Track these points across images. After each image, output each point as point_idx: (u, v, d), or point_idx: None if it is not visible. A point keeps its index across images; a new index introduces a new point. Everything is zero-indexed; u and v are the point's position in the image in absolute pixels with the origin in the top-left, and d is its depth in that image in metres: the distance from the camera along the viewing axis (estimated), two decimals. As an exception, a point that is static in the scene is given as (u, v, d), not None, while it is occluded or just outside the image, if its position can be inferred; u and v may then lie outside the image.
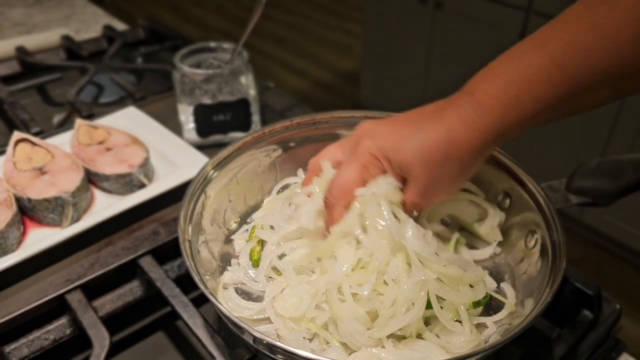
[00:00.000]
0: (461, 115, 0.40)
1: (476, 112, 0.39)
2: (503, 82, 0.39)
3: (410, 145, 0.41)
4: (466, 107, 0.40)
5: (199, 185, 0.49)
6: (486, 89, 0.39)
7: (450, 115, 0.40)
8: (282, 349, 0.35)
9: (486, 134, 0.40)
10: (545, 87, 0.38)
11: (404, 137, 0.41)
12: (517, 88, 0.38)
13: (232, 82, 0.69)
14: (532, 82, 0.38)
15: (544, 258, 0.44)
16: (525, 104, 0.38)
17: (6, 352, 0.46)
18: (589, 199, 0.48)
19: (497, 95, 0.39)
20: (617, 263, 1.67)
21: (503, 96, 0.39)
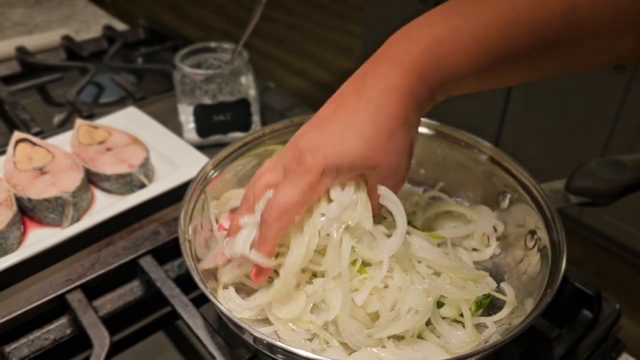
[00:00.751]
0: (383, 84, 0.38)
1: (400, 77, 0.38)
2: (425, 42, 0.37)
3: (353, 144, 0.38)
4: (388, 74, 0.38)
5: (199, 185, 0.49)
6: (407, 49, 0.38)
7: (372, 89, 0.38)
8: (282, 348, 0.35)
9: (415, 95, 0.38)
10: (470, 49, 0.37)
11: (343, 139, 0.38)
12: (439, 48, 0.37)
13: (232, 82, 0.69)
14: (454, 42, 0.37)
15: (543, 258, 0.44)
16: (450, 66, 0.37)
17: (6, 352, 0.46)
18: (589, 199, 0.48)
19: (420, 54, 0.37)
20: (617, 263, 1.66)
21: (428, 56, 0.37)
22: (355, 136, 0.38)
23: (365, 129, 0.38)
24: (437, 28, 0.38)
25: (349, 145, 0.38)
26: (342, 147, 0.38)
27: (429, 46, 0.37)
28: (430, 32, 0.38)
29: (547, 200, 0.46)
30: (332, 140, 0.39)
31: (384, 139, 0.39)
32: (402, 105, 0.38)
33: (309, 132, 0.40)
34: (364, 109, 0.38)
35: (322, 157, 0.38)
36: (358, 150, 0.38)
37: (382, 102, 0.38)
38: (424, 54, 0.37)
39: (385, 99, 0.38)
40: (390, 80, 0.38)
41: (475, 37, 0.37)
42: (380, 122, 0.38)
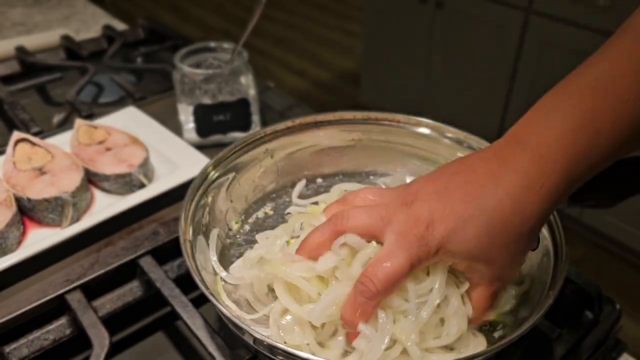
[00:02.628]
0: (525, 180, 0.34)
1: (543, 174, 0.33)
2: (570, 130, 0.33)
3: (476, 230, 0.34)
4: (529, 169, 0.34)
5: (200, 185, 0.49)
6: (550, 143, 0.33)
7: (512, 182, 0.34)
8: (282, 350, 0.35)
9: (554, 195, 0.34)
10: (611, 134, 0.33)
11: (465, 221, 0.34)
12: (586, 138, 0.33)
13: (232, 82, 0.69)
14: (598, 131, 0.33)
15: (545, 260, 0.44)
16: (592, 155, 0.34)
17: (6, 352, 0.46)
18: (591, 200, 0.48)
19: (565, 149, 0.33)
20: (617, 263, 1.66)
21: (572, 149, 0.33)
22: (479, 226, 0.34)
23: (492, 224, 0.34)
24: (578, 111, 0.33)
25: (468, 231, 0.34)
26: (462, 229, 0.34)
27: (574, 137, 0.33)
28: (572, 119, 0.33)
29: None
30: (457, 220, 0.34)
31: (509, 240, 0.35)
32: (540, 204, 0.34)
33: (431, 197, 0.35)
34: (500, 202, 0.34)
35: (442, 235, 0.34)
36: (480, 243, 0.34)
37: (519, 197, 0.34)
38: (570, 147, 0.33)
39: (522, 195, 0.34)
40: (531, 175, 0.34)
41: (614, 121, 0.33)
42: (514, 221, 0.34)
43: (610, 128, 0.33)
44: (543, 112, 0.35)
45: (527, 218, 0.34)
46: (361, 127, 0.58)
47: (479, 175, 0.35)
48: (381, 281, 0.35)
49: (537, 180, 0.33)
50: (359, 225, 0.37)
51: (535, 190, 0.34)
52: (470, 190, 0.35)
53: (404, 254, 0.35)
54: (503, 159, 0.35)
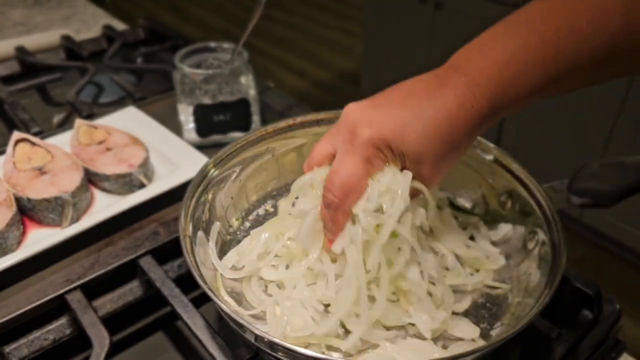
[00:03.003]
0: (459, 98, 0.38)
1: (474, 95, 0.38)
2: (500, 62, 0.37)
3: (413, 132, 0.38)
4: (463, 90, 0.38)
5: (200, 182, 0.49)
6: (482, 69, 0.38)
7: (448, 97, 0.38)
8: (283, 347, 0.35)
9: (482, 117, 0.38)
10: (539, 69, 0.37)
11: (405, 123, 0.38)
12: (513, 69, 0.37)
13: (232, 82, 0.69)
14: (527, 63, 0.37)
15: (544, 258, 0.44)
16: (519, 87, 0.38)
17: (6, 352, 0.46)
18: (591, 200, 0.48)
19: (494, 77, 0.37)
20: (617, 263, 1.66)
21: (500, 78, 0.37)
22: (418, 130, 0.38)
23: (428, 129, 0.38)
24: (510, 45, 0.38)
25: (408, 133, 0.38)
26: (401, 131, 0.38)
27: (502, 68, 0.37)
28: (504, 50, 0.38)
29: (547, 201, 0.46)
30: (391, 122, 0.38)
31: (441, 145, 0.39)
32: (471, 123, 0.38)
33: (367, 108, 0.40)
34: (435, 113, 0.38)
35: (378, 133, 0.38)
36: (417, 144, 0.38)
37: (453, 112, 0.38)
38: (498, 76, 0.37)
39: (456, 111, 0.38)
40: (464, 96, 0.38)
41: (544, 57, 0.37)
42: (444, 129, 0.38)
43: (540, 61, 0.37)
44: (483, 42, 0.39)
45: (458, 130, 0.38)
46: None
47: (419, 91, 0.39)
48: (337, 188, 0.39)
49: (469, 100, 0.38)
50: (319, 152, 0.42)
51: (467, 108, 0.38)
52: (409, 101, 0.39)
53: (352, 159, 0.39)
54: (442, 80, 0.39)
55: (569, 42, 0.36)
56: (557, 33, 0.36)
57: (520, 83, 0.37)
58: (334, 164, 0.40)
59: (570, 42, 0.36)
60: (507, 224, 0.50)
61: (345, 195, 0.39)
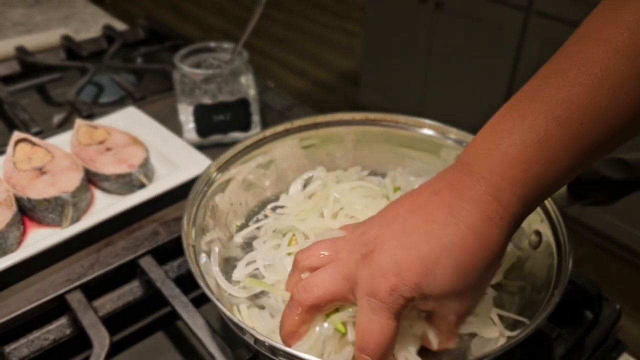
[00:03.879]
0: (485, 212, 0.33)
1: (500, 204, 0.33)
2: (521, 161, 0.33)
3: (446, 271, 0.33)
4: (487, 200, 0.33)
5: (202, 188, 0.49)
6: (503, 172, 0.33)
7: (472, 216, 0.33)
8: (284, 351, 0.35)
9: (514, 222, 0.34)
10: (565, 161, 0.33)
11: (433, 262, 0.33)
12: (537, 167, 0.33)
13: (232, 82, 0.69)
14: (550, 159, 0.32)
15: (548, 259, 0.44)
16: (547, 181, 0.33)
17: (6, 352, 0.46)
18: (592, 198, 0.48)
19: (519, 179, 0.33)
20: (617, 263, 1.66)
21: (525, 179, 0.33)
22: (450, 267, 0.33)
23: (462, 263, 0.33)
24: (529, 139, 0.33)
25: (439, 274, 0.33)
26: (431, 273, 0.33)
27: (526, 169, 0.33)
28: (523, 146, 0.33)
29: (550, 200, 0.46)
30: (418, 263, 0.33)
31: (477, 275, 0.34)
32: (503, 234, 0.34)
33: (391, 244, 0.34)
34: (464, 238, 0.33)
35: (407, 282, 0.33)
36: (452, 283, 0.33)
37: (482, 230, 0.33)
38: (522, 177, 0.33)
39: (485, 228, 0.33)
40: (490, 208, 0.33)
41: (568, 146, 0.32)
42: (476, 254, 0.33)
43: (565, 153, 0.33)
44: (494, 137, 0.34)
45: (492, 249, 0.34)
46: (361, 128, 0.58)
47: (436, 211, 0.34)
48: (375, 351, 0.34)
49: (496, 211, 0.33)
50: (326, 293, 0.36)
51: (496, 222, 0.33)
52: (431, 229, 0.33)
53: (382, 316, 0.34)
54: (458, 192, 0.34)
55: (592, 126, 0.32)
56: (580, 119, 0.32)
57: (547, 178, 0.33)
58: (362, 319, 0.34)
59: (594, 126, 0.32)
60: None
61: (383, 357, 0.35)
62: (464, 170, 0.34)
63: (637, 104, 0.32)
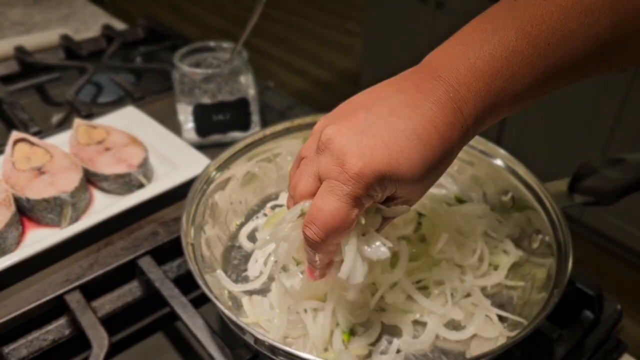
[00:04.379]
0: (449, 117, 0.34)
1: (462, 114, 0.34)
2: (487, 74, 0.34)
3: (408, 160, 0.34)
4: (451, 107, 0.34)
5: (201, 186, 0.49)
6: (469, 84, 0.34)
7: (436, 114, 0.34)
8: (284, 351, 0.35)
9: (469, 134, 0.36)
10: (527, 78, 0.34)
11: (398, 151, 0.33)
12: (501, 82, 0.34)
13: (232, 82, 0.69)
14: (515, 74, 0.34)
15: (548, 258, 0.44)
16: (506, 98, 0.35)
17: (5, 352, 0.46)
18: (593, 198, 0.48)
19: (482, 92, 0.34)
20: (617, 263, 1.66)
21: (487, 93, 0.34)
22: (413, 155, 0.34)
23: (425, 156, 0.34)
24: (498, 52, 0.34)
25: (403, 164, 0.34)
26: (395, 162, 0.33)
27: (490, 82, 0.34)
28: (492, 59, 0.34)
29: (551, 200, 0.46)
30: (384, 151, 0.33)
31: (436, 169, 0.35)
32: (460, 142, 0.35)
33: (353, 133, 0.34)
34: (427, 133, 0.34)
35: (371, 167, 0.33)
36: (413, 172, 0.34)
37: (445, 132, 0.34)
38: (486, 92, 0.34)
39: (447, 132, 0.34)
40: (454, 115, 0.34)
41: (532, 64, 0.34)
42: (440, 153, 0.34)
43: (528, 71, 0.34)
44: (465, 46, 0.35)
45: (449, 151, 0.35)
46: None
47: (402, 107, 0.35)
48: (320, 227, 0.35)
49: (457, 118, 0.34)
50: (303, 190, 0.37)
51: (456, 127, 0.35)
52: (395, 122, 0.34)
53: (337, 197, 0.34)
54: (425, 93, 0.35)
55: (559, 48, 0.33)
56: (548, 39, 0.33)
57: (507, 95, 0.35)
58: (317, 198, 0.35)
59: (561, 47, 0.33)
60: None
61: (327, 236, 0.35)
62: (432, 74, 0.35)
63: (604, 33, 0.33)
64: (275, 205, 0.56)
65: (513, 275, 0.48)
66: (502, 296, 0.47)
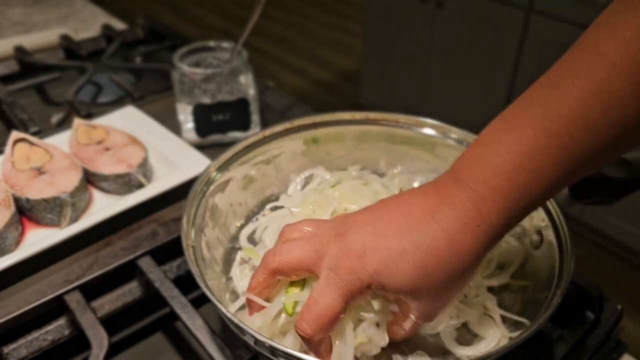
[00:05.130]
0: (462, 218, 0.33)
1: (479, 212, 0.33)
2: (506, 171, 0.33)
3: (407, 264, 0.33)
4: (466, 207, 0.33)
5: (202, 188, 0.49)
6: (487, 181, 0.33)
7: (448, 219, 0.33)
8: (284, 352, 0.35)
9: (492, 234, 0.34)
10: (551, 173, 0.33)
11: (398, 255, 0.33)
12: (522, 178, 0.33)
13: (232, 82, 0.69)
14: (536, 169, 0.32)
15: (550, 258, 0.44)
16: (531, 194, 0.33)
17: (5, 352, 0.46)
18: (593, 197, 0.48)
19: (503, 189, 0.33)
20: (617, 263, 1.66)
21: (509, 189, 0.33)
22: (414, 263, 0.33)
23: (426, 262, 0.33)
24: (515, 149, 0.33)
25: (402, 267, 0.33)
26: (394, 265, 0.33)
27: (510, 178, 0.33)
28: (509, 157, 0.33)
29: (552, 200, 0.46)
30: (384, 253, 0.33)
31: (443, 279, 0.34)
32: (477, 245, 0.34)
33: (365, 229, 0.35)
34: (434, 236, 0.33)
35: (369, 267, 0.33)
36: (414, 280, 0.33)
37: (457, 236, 0.33)
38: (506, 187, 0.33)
39: (460, 234, 0.33)
40: (468, 215, 0.33)
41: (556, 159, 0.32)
42: (445, 259, 0.33)
43: (552, 165, 0.33)
44: (482, 147, 0.35)
45: (462, 256, 0.33)
46: (361, 128, 0.57)
47: (417, 209, 0.34)
48: (314, 322, 0.34)
49: (473, 218, 0.33)
50: (291, 260, 0.36)
51: (471, 228, 0.33)
52: (406, 224, 0.34)
53: (334, 291, 0.34)
54: (442, 194, 0.34)
55: (583, 139, 0.32)
56: (570, 132, 0.32)
57: (532, 190, 0.33)
58: (316, 291, 0.35)
59: (585, 139, 0.32)
60: None
61: (319, 330, 0.34)
62: (452, 177, 0.35)
63: (631, 119, 0.32)
64: (275, 207, 0.56)
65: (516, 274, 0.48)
66: (505, 296, 0.47)
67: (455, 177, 0.35)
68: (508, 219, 0.34)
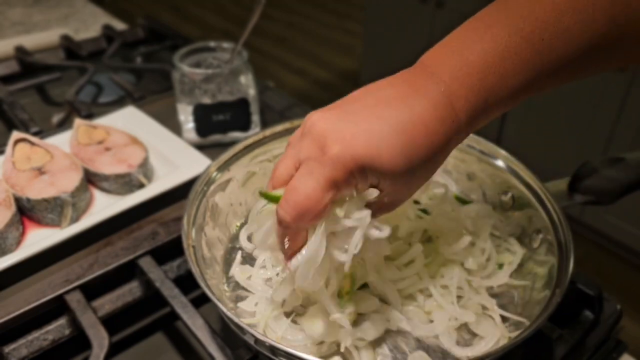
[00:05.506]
0: (438, 111, 0.34)
1: (453, 109, 0.34)
2: (480, 70, 0.34)
3: (390, 148, 0.33)
4: (442, 101, 0.34)
5: (202, 188, 0.49)
6: (461, 78, 0.34)
7: (425, 108, 0.34)
8: (284, 351, 0.35)
9: (461, 131, 0.35)
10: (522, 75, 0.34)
11: (380, 139, 0.33)
12: (494, 77, 0.34)
13: (232, 82, 0.69)
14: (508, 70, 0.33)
15: (549, 258, 0.44)
16: (500, 95, 0.34)
17: (5, 352, 0.46)
18: (593, 197, 0.48)
19: (475, 87, 0.34)
20: (617, 263, 1.66)
21: (480, 88, 0.34)
22: (396, 148, 0.33)
23: (407, 148, 0.33)
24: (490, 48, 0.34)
25: (385, 152, 0.33)
26: (377, 150, 0.33)
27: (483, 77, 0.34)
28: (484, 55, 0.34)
29: (551, 200, 0.46)
30: (365, 137, 0.33)
31: (420, 164, 0.34)
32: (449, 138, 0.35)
33: (335, 118, 0.34)
34: (412, 123, 0.33)
35: (351, 152, 0.33)
36: (395, 164, 0.33)
37: (433, 127, 0.33)
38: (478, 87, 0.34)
39: (435, 126, 0.33)
40: (444, 109, 0.34)
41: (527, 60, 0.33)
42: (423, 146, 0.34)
43: (522, 68, 0.34)
44: (457, 43, 0.35)
45: (436, 146, 0.34)
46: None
47: (391, 99, 0.34)
48: (292, 207, 0.33)
49: (449, 114, 0.34)
50: (281, 173, 0.36)
51: (447, 123, 0.34)
52: (380, 111, 0.34)
53: (312, 177, 0.33)
54: (416, 86, 0.34)
55: (553, 44, 0.33)
56: (542, 35, 0.33)
57: (500, 91, 0.34)
58: (294, 179, 0.34)
59: (555, 44, 0.33)
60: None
61: (299, 216, 0.33)
62: (425, 70, 0.35)
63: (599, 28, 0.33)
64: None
65: (516, 274, 0.48)
66: (505, 296, 0.47)
67: (429, 71, 0.35)
68: (472, 117, 0.35)
